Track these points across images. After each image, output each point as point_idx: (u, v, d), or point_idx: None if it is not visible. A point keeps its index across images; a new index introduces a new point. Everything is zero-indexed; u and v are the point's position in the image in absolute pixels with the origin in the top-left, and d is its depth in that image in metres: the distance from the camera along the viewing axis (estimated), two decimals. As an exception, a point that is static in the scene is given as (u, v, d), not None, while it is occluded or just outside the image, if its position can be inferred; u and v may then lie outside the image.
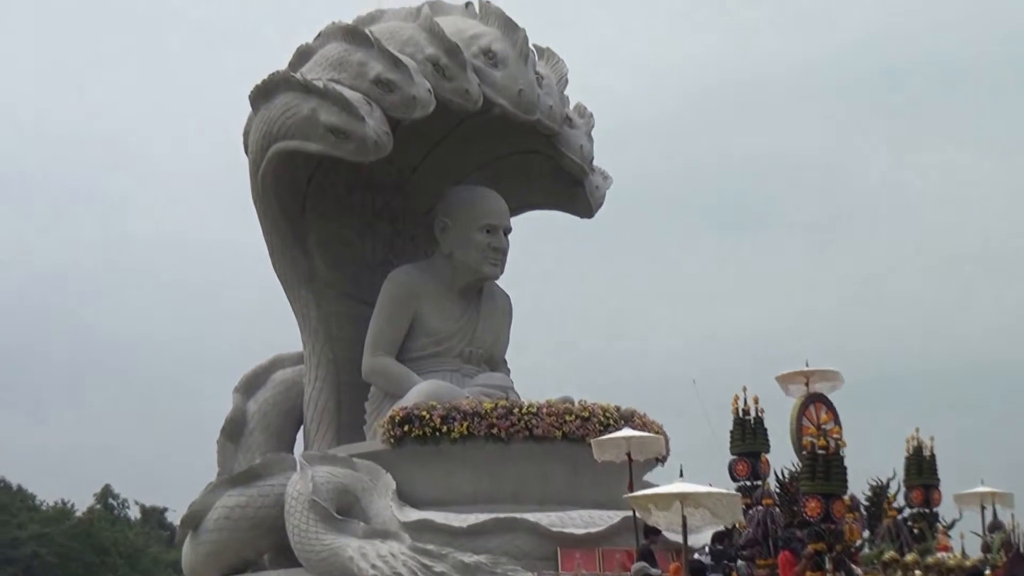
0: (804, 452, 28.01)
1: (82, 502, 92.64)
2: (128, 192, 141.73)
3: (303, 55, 35.13)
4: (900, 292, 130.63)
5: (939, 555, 30.89)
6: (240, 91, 35.27)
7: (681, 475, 23.90)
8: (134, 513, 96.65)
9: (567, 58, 37.95)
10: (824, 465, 27.40)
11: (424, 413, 32.13)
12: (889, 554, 29.94)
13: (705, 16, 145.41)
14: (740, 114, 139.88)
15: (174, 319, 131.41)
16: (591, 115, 37.38)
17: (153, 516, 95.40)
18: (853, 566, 27.58)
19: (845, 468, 27.92)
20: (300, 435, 36.90)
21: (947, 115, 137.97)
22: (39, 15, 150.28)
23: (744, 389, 30.49)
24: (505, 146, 36.49)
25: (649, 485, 27.34)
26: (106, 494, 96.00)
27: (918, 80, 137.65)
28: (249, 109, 34.92)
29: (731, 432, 30.34)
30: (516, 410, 32.43)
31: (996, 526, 32.95)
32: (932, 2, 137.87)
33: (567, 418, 32.37)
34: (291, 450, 36.42)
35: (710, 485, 22.96)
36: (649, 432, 30.85)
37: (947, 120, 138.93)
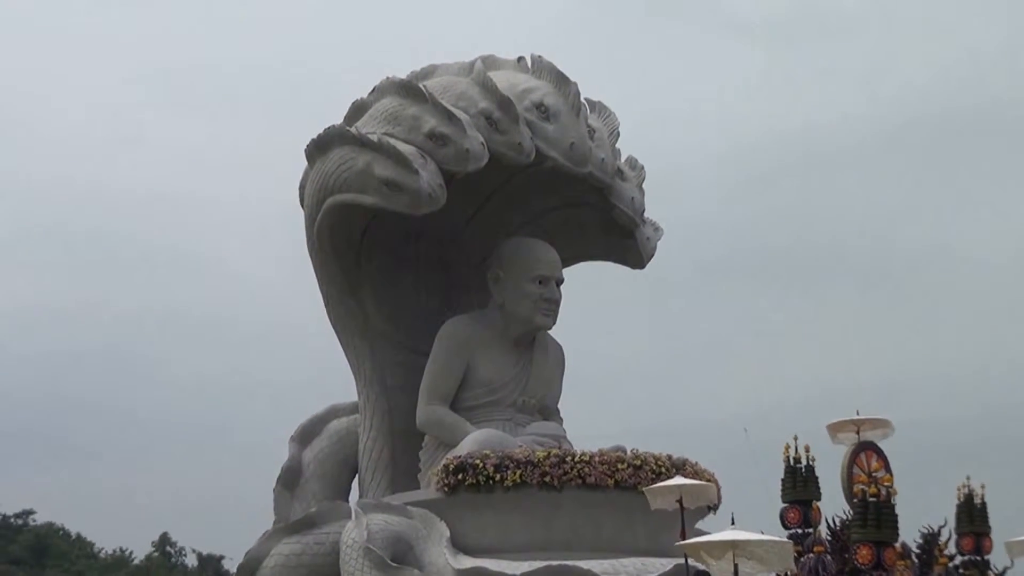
0: (855, 500, 27.90)
1: (140, 550, 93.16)
2: (196, 242, 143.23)
3: (358, 109, 35.27)
4: (952, 337, 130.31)
5: (990, 603, 30.74)
6: (297, 146, 35.57)
7: (733, 523, 23.71)
8: (191, 561, 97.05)
9: (620, 111, 37.99)
10: (875, 513, 27.27)
11: (478, 462, 32.03)
12: (941, 602, 29.77)
13: (755, 70, 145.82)
14: (792, 167, 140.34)
15: (232, 367, 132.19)
16: (642, 167, 37.36)
17: (210, 564, 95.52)
18: (905, 613, 27.44)
19: (896, 516, 27.79)
20: (355, 483, 36.88)
21: (999, 165, 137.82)
22: (99, 73, 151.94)
23: (795, 438, 30.40)
24: (557, 198, 36.48)
25: (701, 533, 27.26)
26: (164, 542, 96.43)
27: (969, 130, 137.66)
28: (304, 163, 35.10)
29: (782, 480, 30.21)
30: (569, 458, 32.28)
31: (1048, 574, 32.76)
32: (976, 53, 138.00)
33: (619, 466, 32.24)
34: (346, 498, 36.41)
35: (762, 533, 22.83)
36: (701, 480, 30.64)
37: (998, 170, 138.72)
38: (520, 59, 35.98)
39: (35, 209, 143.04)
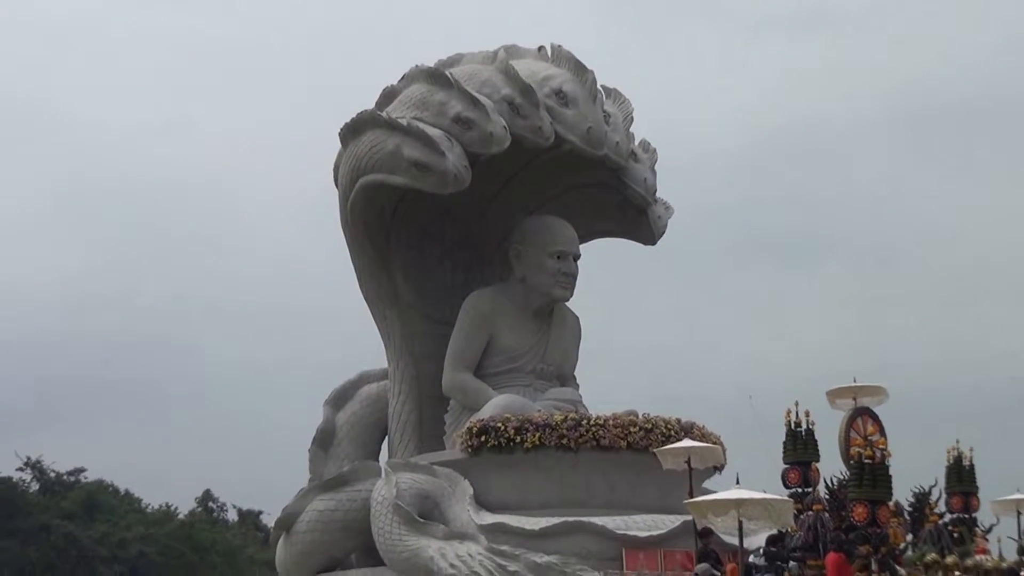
0: (852, 461, 27.96)
1: (184, 506, 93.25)
2: (232, 223, 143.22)
3: (388, 95, 35.32)
4: (945, 310, 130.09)
5: (977, 558, 30.71)
6: (331, 130, 35.62)
7: (738, 482, 23.88)
8: (232, 516, 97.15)
9: (638, 97, 38.04)
10: (870, 473, 27.34)
11: (500, 425, 32.21)
12: (931, 556, 29.77)
13: (769, 60, 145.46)
14: (800, 152, 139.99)
15: (267, 343, 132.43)
16: (654, 150, 37.36)
17: (249, 519, 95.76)
18: (897, 567, 27.49)
19: (890, 476, 27.86)
20: (385, 445, 36.98)
21: (992, 151, 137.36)
22: (144, 71, 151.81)
23: (796, 404, 30.48)
24: (574, 179, 36.47)
25: (708, 492, 27.37)
26: (206, 498, 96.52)
27: (967, 119, 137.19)
28: (339, 144, 35.18)
29: (784, 443, 30.30)
30: (584, 422, 32.44)
31: (1032, 531, 32.79)
32: (977, 46, 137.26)
33: (632, 429, 32.35)
34: (376, 458, 36.52)
35: (764, 492, 22.94)
36: (708, 443, 30.79)
37: (990, 155, 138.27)
38: (540, 48, 36.05)
39: (94, 196, 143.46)
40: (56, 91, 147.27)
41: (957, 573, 26.12)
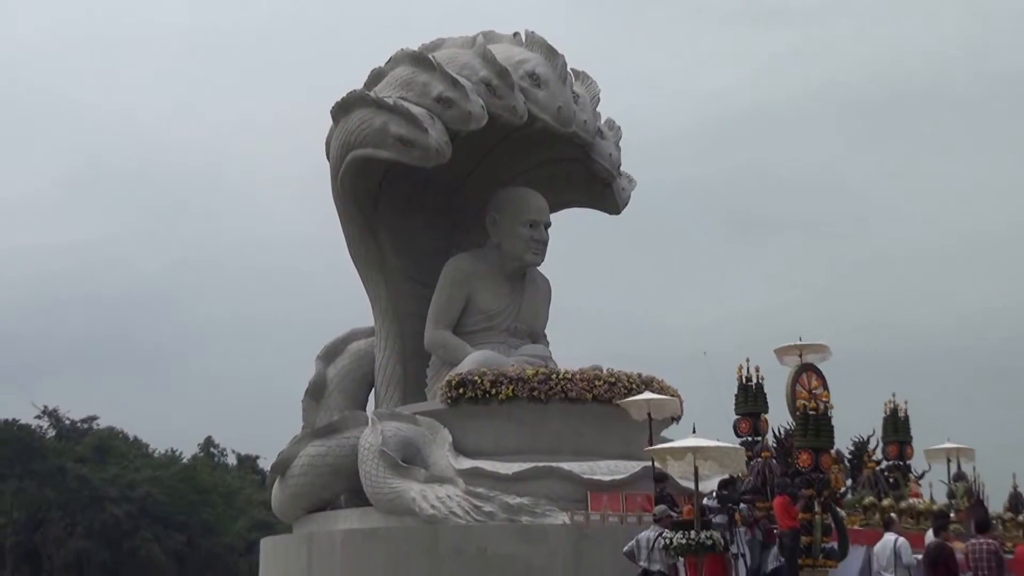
0: (797, 413, 27.92)
1: (188, 451, 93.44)
2: (232, 194, 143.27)
3: (376, 76, 35.17)
4: (884, 281, 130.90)
5: (911, 501, 30.83)
6: (322, 107, 35.47)
7: (694, 432, 23.84)
8: (231, 460, 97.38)
9: (608, 80, 37.98)
10: (814, 424, 27.32)
11: (476, 378, 32.25)
12: (868, 500, 29.85)
13: (734, 49, 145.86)
14: (755, 133, 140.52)
15: (264, 304, 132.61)
16: (619, 128, 37.34)
17: (247, 463, 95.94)
18: (837, 509, 27.54)
19: (832, 426, 27.83)
20: (371, 396, 36.95)
21: (934, 136, 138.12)
22: (160, 51, 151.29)
23: (747, 360, 30.42)
24: (546, 154, 36.40)
25: (666, 440, 27.36)
26: (208, 444, 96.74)
27: (912, 106, 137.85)
28: (330, 122, 35.03)
29: (736, 396, 30.25)
30: (554, 376, 32.51)
31: (960, 476, 32.88)
32: (926, 39, 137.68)
33: (597, 383, 32.39)
34: (364, 408, 36.45)
35: (718, 440, 22.92)
36: (666, 395, 30.82)
37: (933, 140, 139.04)
38: (516, 34, 35.94)
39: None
40: (72, 80, 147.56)
41: (892, 515, 26.14)
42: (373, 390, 36.84)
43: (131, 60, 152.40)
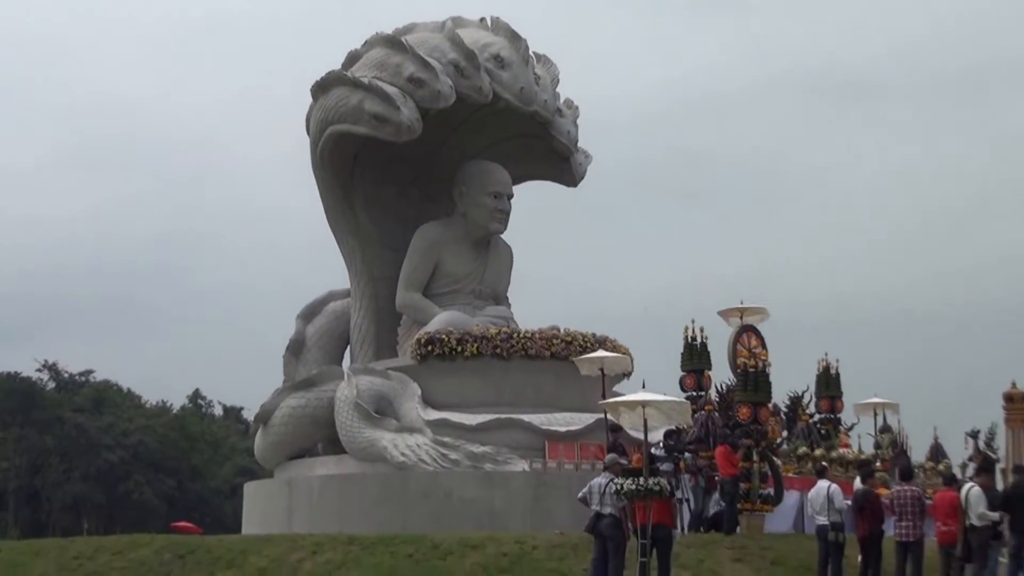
0: (738, 370, 28.09)
1: (177, 402, 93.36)
2: (225, 167, 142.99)
3: (352, 58, 34.96)
4: (821, 251, 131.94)
5: (841, 451, 31.09)
6: (303, 87, 35.27)
7: (644, 386, 23.86)
8: (218, 411, 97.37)
9: (567, 62, 37.87)
10: (753, 380, 27.48)
11: (444, 337, 32.25)
12: (802, 449, 30.10)
13: (689, 36, 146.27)
14: (705, 116, 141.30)
15: (249, 268, 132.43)
16: (577, 107, 37.22)
17: (232, 414, 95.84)
18: (774, 458, 27.71)
19: (770, 382, 28.03)
20: (347, 352, 36.88)
21: (864, 117, 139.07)
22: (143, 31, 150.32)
23: (692, 321, 30.53)
24: (509, 130, 36.28)
25: (618, 394, 27.35)
26: (196, 396, 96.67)
27: (845, 92, 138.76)
28: (311, 100, 34.85)
29: (682, 354, 30.36)
30: (515, 335, 32.55)
31: (885, 429, 33.14)
32: (857, 31, 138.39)
33: (554, 342, 32.44)
34: (340, 364, 36.39)
35: (665, 394, 22.96)
36: (619, 353, 30.87)
37: (864, 120, 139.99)
38: (482, 19, 35.78)
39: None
40: (71, 58, 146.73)
41: (824, 463, 26.31)
42: (348, 347, 36.75)
43: (124, 37, 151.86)
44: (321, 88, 34.17)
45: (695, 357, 30.08)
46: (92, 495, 76.75)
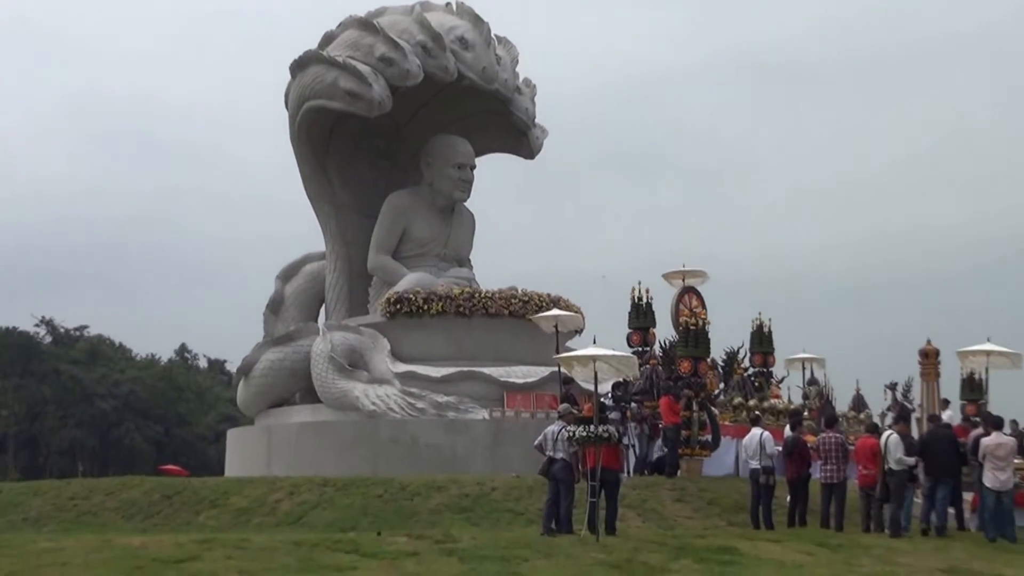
0: (680, 328, 28.23)
1: (165, 355, 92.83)
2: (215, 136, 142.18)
3: (328, 38, 34.79)
4: (757, 217, 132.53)
5: (773, 402, 31.34)
6: (283, 65, 35.07)
7: (594, 342, 23.91)
8: (203, 363, 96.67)
9: (530, 45, 37.84)
10: (694, 337, 27.64)
11: (411, 296, 32.28)
12: (737, 400, 30.32)
13: (636, 20, 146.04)
14: (650, 94, 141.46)
15: (233, 227, 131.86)
16: (535, 85, 37.13)
17: (216, 366, 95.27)
18: (712, 408, 27.91)
19: (708, 339, 28.20)
20: (322, 310, 36.82)
21: (802, 100, 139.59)
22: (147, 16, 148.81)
23: (639, 283, 30.61)
24: (472, 107, 36.18)
25: (570, 349, 27.45)
26: (183, 350, 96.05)
27: (781, 73, 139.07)
28: (289, 77, 34.65)
29: (629, 313, 30.44)
30: (476, 295, 32.58)
31: (812, 382, 33.42)
32: (794, 17, 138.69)
33: (512, 301, 32.49)
34: (316, 320, 36.32)
35: (614, 349, 23.04)
36: (572, 311, 30.93)
37: (800, 103, 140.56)
38: (448, 3, 35.63)
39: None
40: (72, 21, 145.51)
41: (757, 412, 26.53)
42: (324, 305, 36.68)
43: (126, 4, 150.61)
44: (299, 66, 34.00)
45: (641, 316, 30.16)
46: (86, 440, 76.38)
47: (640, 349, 29.53)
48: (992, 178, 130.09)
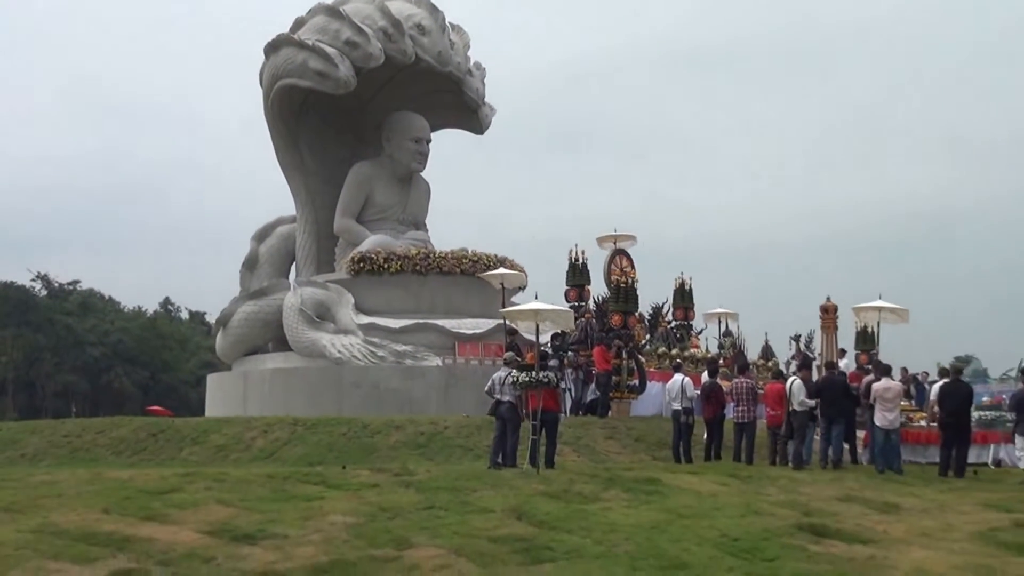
0: (611, 286, 28.40)
1: (151, 307, 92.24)
2: (196, 112, 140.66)
3: (299, 23, 34.48)
4: (682, 187, 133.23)
5: (692, 351, 31.64)
6: (258, 47, 34.75)
7: (536, 298, 24.01)
8: (184, 315, 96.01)
9: (480, 31, 37.74)
10: (624, 294, 27.83)
11: (373, 255, 32.26)
12: (661, 350, 30.58)
13: (564, 11, 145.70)
14: (585, 75, 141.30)
15: (216, 196, 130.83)
16: (484, 68, 37.06)
17: (197, 317, 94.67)
18: (639, 356, 28.13)
19: (637, 296, 28.40)
20: (293, 268, 36.68)
21: (726, 81, 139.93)
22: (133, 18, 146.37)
23: (576, 245, 30.78)
24: (428, 87, 36.00)
25: (515, 304, 27.56)
26: (166, 303, 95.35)
27: (704, 55, 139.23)
28: (263, 58, 34.33)
29: (567, 272, 30.60)
30: (431, 255, 32.61)
31: (727, 334, 33.74)
32: (713, 7, 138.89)
33: (464, 261, 32.53)
34: (287, 277, 36.20)
35: (553, 304, 23.15)
36: (516, 270, 31.03)
37: (724, 84, 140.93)
38: (407, -7, 35.46)
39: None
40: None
41: (679, 360, 26.77)
42: (294, 263, 36.55)
43: None
44: (272, 48, 33.74)
45: (577, 274, 30.34)
46: (79, 384, 75.80)
47: (576, 304, 29.71)
48: (890, 159, 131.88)
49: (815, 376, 22.93)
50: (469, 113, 36.88)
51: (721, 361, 28.40)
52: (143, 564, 10.70)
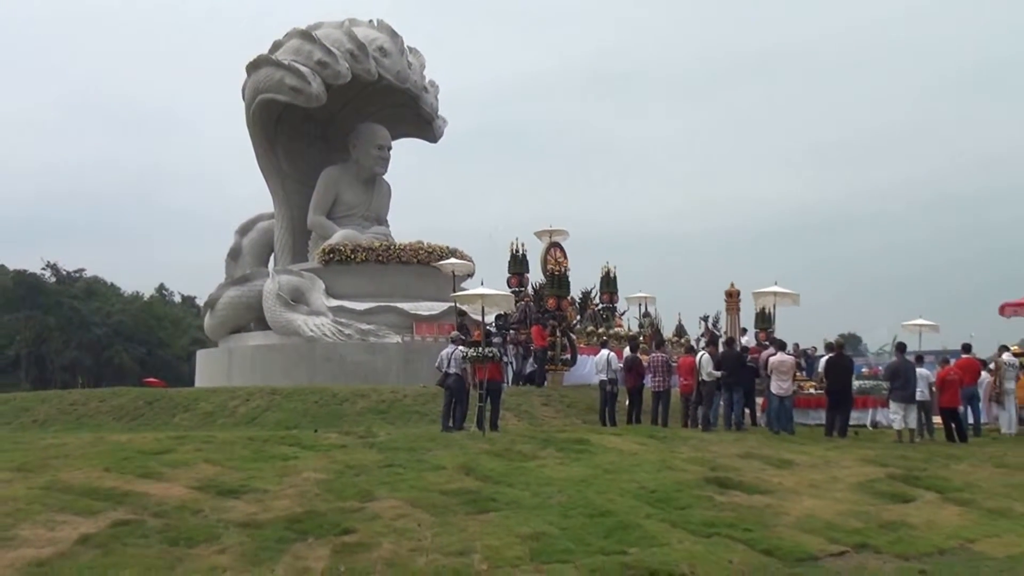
0: (547, 273, 28.42)
1: (147, 292, 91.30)
2: (184, 117, 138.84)
3: (276, 45, 34.20)
4: (612, 188, 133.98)
5: (616, 329, 31.72)
6: (241, 66, 34.33)
7: (482, 284, 23.96)
8: (177, 299, 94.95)
9: (431, 52, 37.53)
10: (558, 281, 27.86)
11: (342, 247, 32.15)
12: (590, 328, 30.64)
13: (510, 36, 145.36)
14: (525, 89, 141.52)
15: (204, 196, 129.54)
16: (438, 86, 37.04)
17: (188, 301, 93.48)
18: (571, 334, 28.19)
19: (569, 282, 28.45)
20: (272, 258, 36.42)
21: (653, 100, 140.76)
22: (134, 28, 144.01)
23: (516, 238, 30.72)
24: (389, 101, 35.86)
25: (464, 289, 27.49)
26: (161, 288, 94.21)
27: (638, 77, 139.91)
28: (245, 75, 33.99)
29: (509, 261, 30.56)
30: (392, 247, 32.57)
31: (646, 314, 33.86)
32: (647, 23, 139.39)
33: (420, 251, 32.49)
34: (267, 266, 35.99)
35: (497, 290, 23.12)
36: (466, 260, 30.96)
37: (653, 100, 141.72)
38: (371, 21, 35.25)
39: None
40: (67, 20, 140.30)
41: (605, 338, 26.86)
42: (273, 254, 36.33)
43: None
44: (253, 66, 33.52)
45: (518, 264, 30.30)
46: (84, 359, 74.69)
47: (517, 289, 29.69)
48: (797, 162, 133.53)
49: (720, 351, 23.10)
50: (425, 124, 36.82)
51: (641, 338, 28.58)
52: (140, 516, 10.59)
